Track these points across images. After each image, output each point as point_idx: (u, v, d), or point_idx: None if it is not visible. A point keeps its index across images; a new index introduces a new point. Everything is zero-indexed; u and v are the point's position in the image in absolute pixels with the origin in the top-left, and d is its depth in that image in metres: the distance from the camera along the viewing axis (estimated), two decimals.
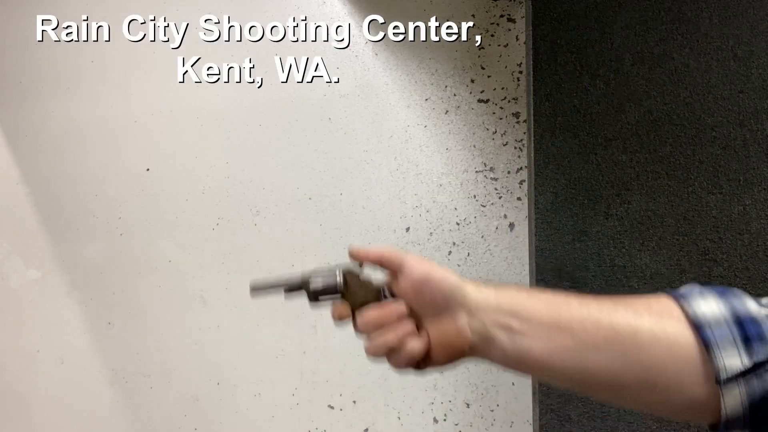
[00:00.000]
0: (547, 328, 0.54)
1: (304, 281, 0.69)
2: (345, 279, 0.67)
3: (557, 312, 0.55)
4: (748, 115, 1.03)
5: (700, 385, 0.49)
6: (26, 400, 1.84)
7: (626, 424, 1.07)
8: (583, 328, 0.53)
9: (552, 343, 0.54)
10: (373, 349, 0.61)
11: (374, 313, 0.61)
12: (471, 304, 0.58)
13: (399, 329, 0.60)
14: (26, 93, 1.88)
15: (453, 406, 1.46)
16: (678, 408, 0.52)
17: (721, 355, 0.48)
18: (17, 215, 1.87)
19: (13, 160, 1.89)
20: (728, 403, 0.48)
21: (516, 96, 1.44)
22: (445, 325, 0.59)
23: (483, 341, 0.58)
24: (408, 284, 0.60)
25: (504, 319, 0.56)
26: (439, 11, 1.50)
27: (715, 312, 0.49)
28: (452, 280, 0.59)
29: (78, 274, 1.80)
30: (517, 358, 0.56)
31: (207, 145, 1.69)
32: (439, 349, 0.60)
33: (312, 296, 0.69)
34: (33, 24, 1.88)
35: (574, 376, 0.54)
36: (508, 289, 0.59)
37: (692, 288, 0.54)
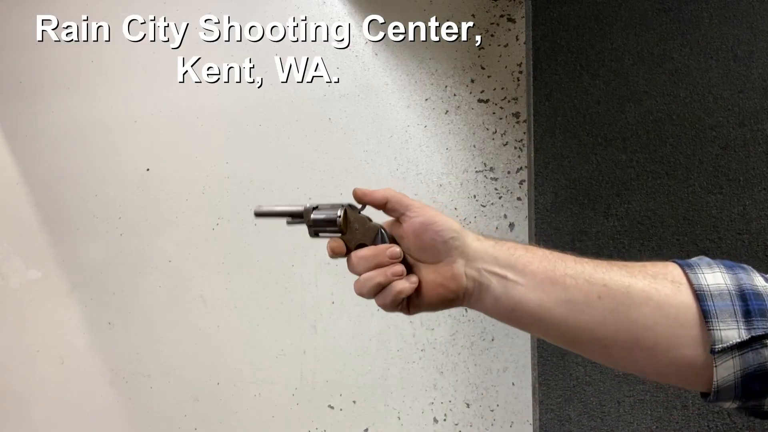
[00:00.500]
0: (540, 281, 0.56)
1: (306, 213, 0.70)
2: (346, 216, 0.67)
3: (552, 266, 0.56)
4: (748, 115, 1.03)
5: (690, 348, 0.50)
6: (26, 400, 1.84)
7: (626, 424, 1.07)
8: (576, 284, 0.54)
9: (544, 295, 0.55)
10: (362, 284, 0.63)
11: (368, 252, 0.63)
12: (469, 252, 0.59)
13: (384, 270, 0.61)
14: (26, 93, 1.88)
15: (453, 406, 1.46)
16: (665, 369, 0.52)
17: (719, 327, 0.49)
18: (17, 215, 1.87)
19: (13, 160, 1.89)
20: (720, 374, 0.49)
21: (516, 96, 1.44)
22: (441, 268, 0.60)
23: (477, 288, 0.59)
24: (410, 228, 0.61)
25: (500, 270, 0.58)
26: (439, 11, 1.50)
27: (719, 283, 0.50)
28: (454, 227, 0.60)
29: (78, 274, 1.80)
30: (509, 307, 0.58)
31: (207, 145, 1.69)
32: (432, 291, 0.61)
33: (312, 229, 0.70)
34: (33, 24, 1.88)
35: (563, 329, 0.56)
36: (505, 242, 0.60)
37: (702, 259, 0.54)
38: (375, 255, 0.62)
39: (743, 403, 0.50)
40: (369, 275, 0.62)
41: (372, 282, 0.62)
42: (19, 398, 1.84)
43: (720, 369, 0.48)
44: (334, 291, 1.55)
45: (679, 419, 1.05)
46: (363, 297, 0.63)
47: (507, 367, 1.43)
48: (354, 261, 0.64)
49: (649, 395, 1.07)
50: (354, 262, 0.64)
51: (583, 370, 1.11)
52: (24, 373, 1.84)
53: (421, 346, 1.49)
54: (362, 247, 0.65)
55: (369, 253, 0.63)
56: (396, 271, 0.61)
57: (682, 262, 0.54)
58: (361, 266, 0.63)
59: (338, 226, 0.67)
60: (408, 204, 0.62)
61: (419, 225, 0.60)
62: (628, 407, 1.08)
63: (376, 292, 0.62)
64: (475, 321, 1.45)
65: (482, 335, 1.45)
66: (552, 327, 0.56)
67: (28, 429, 1.83)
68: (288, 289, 1.59)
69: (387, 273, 0.61)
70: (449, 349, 1.47)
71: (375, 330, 1.52)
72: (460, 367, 1.46)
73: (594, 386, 1.10)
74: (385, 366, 1.50)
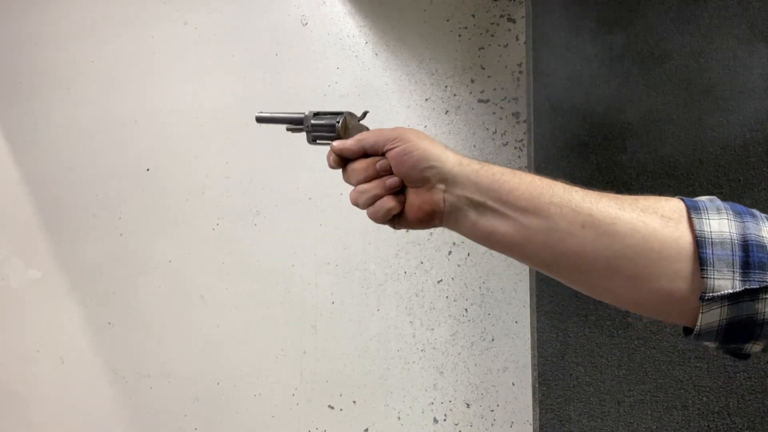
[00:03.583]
0: (522, 209, 0.55)
1: (306, 119, 0.71)
2: (345, 123, 0.68)
3: (538, 193, 0.55)
4: (748, 115, 1.03)
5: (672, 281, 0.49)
6: (26, 399, 1.84)
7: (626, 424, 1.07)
8: (560, 213, 0.54)
9: (524, 223, 0.55)
10: (355, 197, 0.65)
11: (362, 164, 0.64)
12: (449, 178, 0.60)
13: (380, 182, 0.63)
14: (26, 93, 1.88)
15: (453, 406, 1.46)
16: (641, 298, 0.52)
17: (713, 275, 0.48)
18: (17, 215, 1.87)
19: (13, 160, 1.89)
20: (705, 320, 0.48)
21: (516, 96, 1.44)
22: (422, 192, 0.61)
23: (454, 212, 0.60)
24: (391, 158, 0.62)
25: (479, 197, 0.58)
26: (439, 11, 1.50)
27: (723, 231, 0.49)
28: (430, 155, 0.60)
29: (78, 274, 1.80)
30: (486, 232, 0.58)
31: (207, 145, 1.69)
32: (412, 212, 0.62)
33: (310, 135, 0.71)
34: (33, 24, 1.88)
35: (542, 254, 0.55)
36: (492, 167, 0.59)
37: (713, 200, 0.52)
38: (368, 166, 0.63)
39: (724, 345, 0.50)
40: (365, 187, 0.63)
41: (368, 194, 0.63)
42: (19, 398, 1.84)
43: (705, 316, 0.48)
44: (334, 291, 1.55)
45: (679, 419, 1.05)
46: (357, 207, 0.65)
47: (507, 367, 1.43)
48: (349, 170, 0.66)
49: (649, 395, 1.07)
50: (349, 171, 0.66)
51: (583, 370, 1.11)
52: (24, 373, 1.84)
53: (421, 346, 1.49)
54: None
55: (363, 164, 0.64)
56: (392, 183, 0.62)
57: (690, 202, 0.52)
58: (353, 177, 0.65)
59: (336, 132, 0.68)
60: (385, 138, 0.63)
61: (396, 155, 0.61)
62: (628, 407, 1.08)
63: (371, 204, 0.64)
64: (475, 321, 1.45)
65: (482, 335, 1.45)
66: (529, 251, 0.56)
67: (28, 429, 1.83)
68: (288, 289, 1.59)
69: (384, 185, 0.62)
70: (449, 349, 1.47)
71: (375, 330, 1.52)
72: (460, 367, 1.46)
73: (594, 386, 1.10)
74: (385, 366, 1.50)
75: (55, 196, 1.83)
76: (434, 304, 1.48)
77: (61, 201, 1.83)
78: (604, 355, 1.11)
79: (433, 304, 1.48)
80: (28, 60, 1.88)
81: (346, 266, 1.54)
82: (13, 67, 1.89)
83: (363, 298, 1.53)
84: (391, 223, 0.65)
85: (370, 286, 1.52)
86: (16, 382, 1.85)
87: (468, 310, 1.46)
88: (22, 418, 1.84)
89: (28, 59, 1.88)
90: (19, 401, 1.84)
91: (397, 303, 1.50)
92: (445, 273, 1.48)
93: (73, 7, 1.83)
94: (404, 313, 1.50)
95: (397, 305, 1.50)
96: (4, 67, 1.90)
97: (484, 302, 1.45)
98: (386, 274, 1.51)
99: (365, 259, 1.53)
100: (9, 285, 1.88)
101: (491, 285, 1.45)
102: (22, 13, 1.89)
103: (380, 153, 0.64)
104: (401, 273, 1.50)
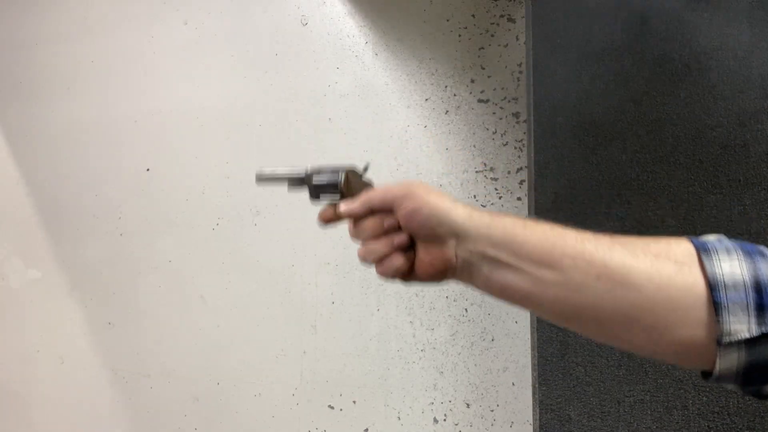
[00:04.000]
0: (536, 262, 0.55)
1: (307, 177, 0.70)
2: (347, 180, 0.67)
3: (551, 246, 0.55)
4: (748, 115, 1.03)
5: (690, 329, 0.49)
6: (26, 399, 1.84)
7: (626, 424, 1.07)
8: (574, 265, 0.53)
9: (538, 276, 0.54)
10: (363, 255, 0.64)
11: (370, 223, 0.63)
12: (460, 232, 0.59)
13: (389, 241, 0.62)
14: (26, 93, 1.88)
15: (453, 406, 1.46)
16: (663, 349, 0.51)
17: (729, 320, 0.47)
18: (17, 215, 1.87)
19: (13, 160, 1.89)
20: (723, 364, 0.48)
21: (516, 96, 1.44)
22: (433, 249, 0.60)
23: (467, 267, 0.59)
24: (400, 214, 0.62)
25: (492, 251, 0.57)
26: (439, 11, 1.50)
27: (735, 273, 0.49)
28: (439, 212, 0.59)
29: (78, 274, 1.80)
30: (500, 287, 0.58)
31: (207, 145, 1.69)
32: (423, 269, 0.62)
33: (313, 192, 0.70)
34: (33, 24, 1.88)
35: (557, 308, 0.55)
36: (503, 219, 0.59)
37: (721, 241, 0.52)
38: (375, 226, 0.63)
39: (742, 387, 0.50)
40: (374, 246, 0.63)
41: (377, 253, 0.63)
42: (19, 398, 1.84)
43: (723, 360, 0.48)
44: (334, 291, 1.55)
45: (679, 419, 1.05)
46: (365, 263, 0.65)
47: (507, 367, 1.43)
48: (356, 230, 0.65)
49: (649, 395, 1.07)
50: (356, 231, 0.65)
51: (583, 370, 1.11)
52: (24, 373, 1.84)
53: (421, 346, 1.49)
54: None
55: (371, 223, 0.63)
56: (401, 242, 0.62)
57: (699, 243, 0.52)
58: (361, 235, 0.64)
59: (339, 190, 0.67)
60: (393, 196, 0.62)
61: (405, 213, 0.61)
62: (628, 407, 1.08)
63: (380, 261, 0.63)
64: (475, 321, 1.45)
65: (482, 335, 1.45)
66: (545, 305, 0.55)
67: (28, 429, 1.83)
68: (288, 289, 1.59)
69: (391, 244, 0.62)
70: (449, 349, 1.47)
71: (375, 330, 1.52)
72: (460, 367, 1.46)
73: (594, 386, 1.10)
74: (385, 366, 1.50)
75: (55, 196, 1.83)
76: (434, 304, 1.48)
77: (61, 201, 1.83)
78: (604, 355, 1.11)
79: (433, 304, 1.48)
80: (28, 60, 1.88)
81: (346, 266, 1.54)
82: (13, 67, 1.89)
83: (363, 298, 1.53)
84: (401, 279, 0.64)
85: (370, 286, 1.52)
86: (16, 382, 1.85)
87: (468, 310, 1.46)
88: (22, 418, 1.84)
89: (28, 59, 1.88)
90: (19, 401, 1.84)
91: (397, 303, 1.50)
92: None
93: (73, 7, 1.83)
94: (404, 313, 1.50)
95: (397, 305, 1.50)
96: (4, 67, 1.90)
97: (484, 302, 1.45)
98: None
99: None
100: (9, 285, 1.88)
101: None
102: (22, 13, 1.89)
103: (388, 210, 0.63)
104: None
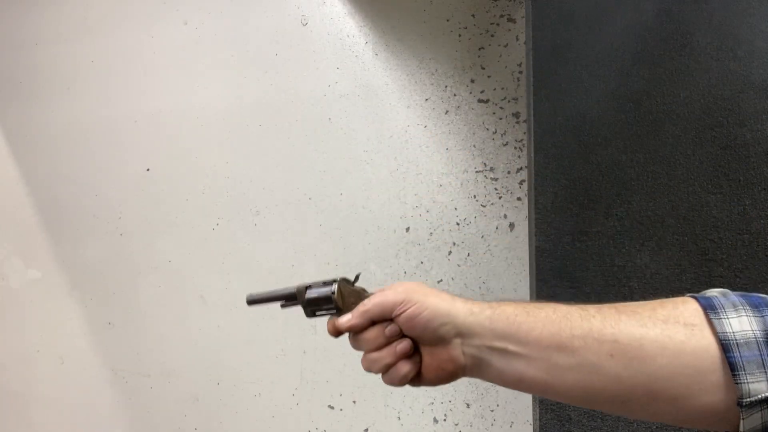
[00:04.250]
0: (545, 348, 0.53)
1: (299, 294, 0.68)
2: (341, 292, 0.65)
3: (557, 329, 0.53)
4: (748, 115, 1.03)
5: (712, 394, 0.48)
6: (26, 399, 1.84)
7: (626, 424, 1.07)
8: (584, 345, 0.52)
9: (551, 363, 0.53)
10: (367, 366, 0.63)
11: (371, 334, 0.62)
12: (464, 330, 0.58)
13: (392, 350, 0.61)
14: (26, 93, 1.88)
15: (453, 406, 1.46)
16: (689, 417, 0.50)
17: (746, 380, 0.47)
18: (17, 215, 1.87)
19: (13, 160, 1.89)
20: (747, 425, 0.47)
21: (516, 96, 1.44)
22: (438, 351, 0.59)
23: (477, 364, 0.58)
24: (401, 321, 0.61)
25: (499, 344, 0.56)
26: (439, 11, 1.50)
27: (746, 330, 0.48)
28: (440, 312, 0.58)
29: (78, 274, 1.80)
30: (515, 378, 0.56)
31: (207, 145, 1.69)
32: (431, 371, 0.61)
33: (307, 308, 0.68)
34: (33, 24, 1.88)
35: (575, 393, 0.53)
36: (504, 308, 0.57)
37: (726, 297, 0.51)
38: (377, 336, 0.62)
39: None
40: (376, 356, 0.62)
41: (381, 363, 0.62)
42: (19, 398, 1.84)
43: (747, 421, 0.47)
44: None
45: None
46: (371, 373, 0.64)
47: None
48: (354, 343, 0.64)
49: None
50: (354, 344, 0.64)
51: None
52: (24, 373, 1.84)
53: None
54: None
55: (372, 334, 0.62)
56: (403, 349, 0.61)
57: (704, 300, 0.51)
58: (363, 346, 0.63)
59: (334, 303, 0.65)
60: (392, 303, 0.61)
61: (406, 320, 0.60)
62: None
63: (385, 371, 0.62)
64: None
65: None
66: (564, 392, 0.54)
67: (28, 429, 1.83)
68: None
69: (395, 352, 0.61)
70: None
71: None
72: None
73: None
74: None
75: (55, 196, 1.83)
76: None
77: (61, 201, 1.83)
78: None
79: None
80: (28, 60, 1.88)
81: (346, 266, 1.54)
82: (13, 67, 1.89)
83: None
84: (410, 384, 0.63)
85: (370, 286, 1.52)
86: (16, 382, 1.85)
87: None
88: (22, 418, 1.84)
89: (28, 59, 1.88)
90: (19, 401, 1.84)
91: None
92: (445, 273, 1.48)
93: (73, 7, 1.83)
94: None
95: None
96: (4, 67, 1.90)
97: None
98: (386, 274, 1.51)
99: (365, 259, 1.53)
100: (9, 285, 1.88)
101: (491, 285, 1.45)
102: (22, 13, 1.89)
103: (388, 318, 0.62)
104: (401, 273, 1.50)
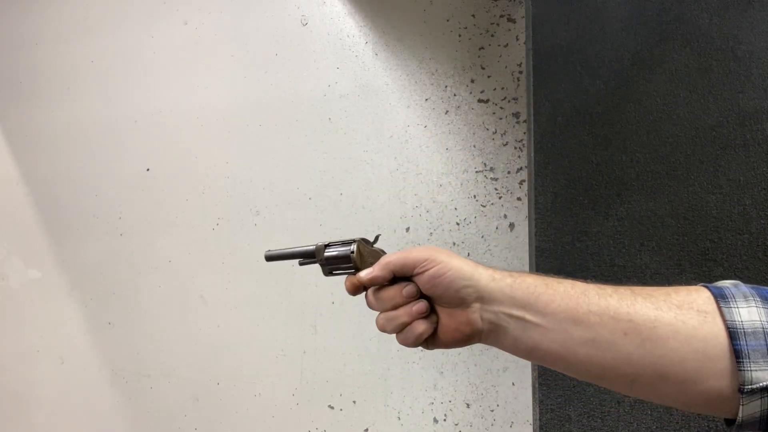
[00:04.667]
0: (562, 320, 0.55)
1: (318, 251, 0.68)
2: (360, 252, 0.66)
3: (575, 304, 0.55)
4: (748, 115, 1.03)
5: (719, 380, 0.49)
6: (26, 399, 1.84)
7: (626, 424, 1.07)
8: (600, 321, 0.53)
9: (566, 335, 0.54)
10: (382, 324, 0.63)
11: (389, 293, 0.62)
12: (485, 295, 0.58)
13: (408, 309, 0.61)
14: (26, 93, 1.88)
15: (453, 406, 1.46)
16: (694, 401, 0.52)
17: (750, 367, 0.48)
18: (17, 215, 1.87)
19: (13, 160, 1.89)
20: (746, 411, 0.48)
21: (516, 96, 1.44)
22: (457, 313, 0.60)
23: (494, 330, 0.59)
24: (422, 281, 0.61)
25: (518, 312, 0.57)
26: (439, 11, 1.50)
27: (754, 320, 0.49)
28: (464, 274, 0.59)
29: (78, 274, 1.80)
30: (529, 347, 0.57)
31: (207, 145, 1.69)
32: (447, 333, 0.61)
33: (325, 268, 0.68)
34: (33, 24, 1.88)
35: (588, 366, 0.55)
36: (525, 278, 0.59)
37: (738, 287, 0.52)
38: (394, 295, 0.62)
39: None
40: (392, 314, 0.62)
41: (396, 322, 0.62)
42: (19, 398, 1.84)
43: (746, 408, 0.48)
44: (334, 291, 1.55)
45: (679, 419, 1.05)
46: (385, 333, 0.64)
47: (507, 367, 1.43)
48: (372, 300, 0.64)
49: None
50: (372, 301, 0.64)
51: None
52: (24, 373, 1.84)
53: None
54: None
55: (389, 293, 0.62)
56: (420, 309, 0.61)
57: (715, 290, 0.52)
58: (379, 305, 0.63)
59: (353, 263, 0.66)
60: (414, 260, 0.61)
61: (429, 278, 0.60)
62: (628, 407, 1.07)
63: (400, 330, 0.62)
64: None
65: None
66: (575, 365, 0.55)
67: (28, 429, 1.83)
68: (288, 289, 1.59)
69: (411, 312, 0.61)
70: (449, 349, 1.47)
71: (375, 330, 1.51)
72: (460, 367, 1.46)
73: (594, 386, 1.10)
74: (385, 366, 1.50)
75: (55, 196, 1.83)
76: None
77: (61, 201, 1.83)
78: None
79: None
80: (28, 60, 1.88)
81: None
82: (13, 67, 1.89)
83: (363, 299, 1.53)
84: (424, 345, 0.63)
85: None
86: (16, 382, 1.85)
87: None
88: (22, 418, 1.84)
89: (28, 59, 1.88)
90: (19, 401, 1.84)
91: None
92: None
93: (73, 7, 1.83)
94: None
95: None
96: (4, 67, 1.90)
97: None
98: None
99: None
100: (9, 285, 1.88)
101: None
102: (22, 13, 1.89)
103: (408, 275, 0.62)
104: None
